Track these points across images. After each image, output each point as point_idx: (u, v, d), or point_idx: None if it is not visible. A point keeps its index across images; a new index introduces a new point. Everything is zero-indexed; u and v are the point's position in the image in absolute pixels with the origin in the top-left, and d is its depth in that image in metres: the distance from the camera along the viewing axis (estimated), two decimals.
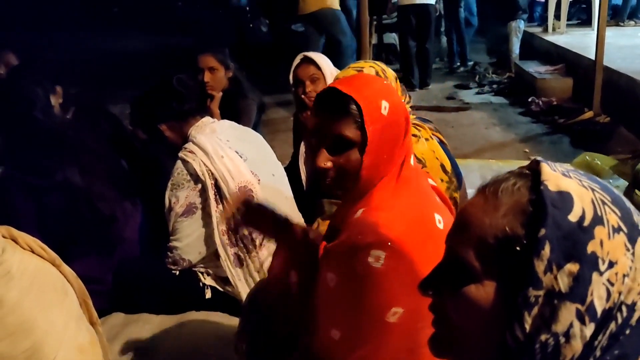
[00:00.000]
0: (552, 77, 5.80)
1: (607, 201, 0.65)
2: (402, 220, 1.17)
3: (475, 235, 0.67)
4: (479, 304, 0.66)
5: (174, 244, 1.99)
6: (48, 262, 1.15)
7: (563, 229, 0.62)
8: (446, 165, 2.08)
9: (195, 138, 1.99)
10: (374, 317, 1.16)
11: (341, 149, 1.21)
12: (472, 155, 4.13)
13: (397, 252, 1.13)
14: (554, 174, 0.66)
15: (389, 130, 1.21)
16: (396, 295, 1.15)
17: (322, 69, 2.55)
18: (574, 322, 0.61)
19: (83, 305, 1.21)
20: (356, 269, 1.16)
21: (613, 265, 0.62)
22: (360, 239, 1.16)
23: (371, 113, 1.19)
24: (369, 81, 1.28)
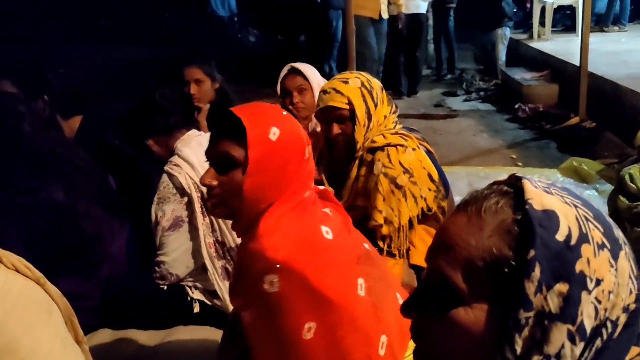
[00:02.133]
0: (538, 83, 5.86)
1: (590, 217, 0.65)
2: (286, 240, 1.19)
3: (461, 257, 0.66)
4: (468, 328, 0.65)
5: (161, 259, 1.98)
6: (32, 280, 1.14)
7: (551, 249, 0.62)
8: (433, 174, 2.09)
9: (181, 151, 1.99)
10: (292, 339, 1.17)
11: (227, 168, 1.24)
12: (460, 162, 4.16)
13: (288, 272, 1.15)
14: (537, 192, 0.65)
15: (276, 156, 1.22)
16: (303, 311, 1.17)
17: (309, 80, 2.56)
18: (565, 343, 0.61)
19: (69, 324, 1.20)
20: (258, 298, 1.18)
21: (600, 283, 0.62)
22: (252, 269, 1.18)
23: (256, 136, 1.21)
24: (265, 108, 1.31)
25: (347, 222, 1.36)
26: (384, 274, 1.34)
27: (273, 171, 1.23)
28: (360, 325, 1.20)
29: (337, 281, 1.20)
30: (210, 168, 1.27)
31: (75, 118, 2.67)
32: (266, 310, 1.18)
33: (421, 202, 2.04)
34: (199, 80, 2.96)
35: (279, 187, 1.24)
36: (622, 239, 0.66)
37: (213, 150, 1.27)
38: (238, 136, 1.22)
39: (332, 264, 1.21)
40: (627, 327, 0.64)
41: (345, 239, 1.29)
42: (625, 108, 4.40)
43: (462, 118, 5.66)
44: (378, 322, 1.24)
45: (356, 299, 1.21)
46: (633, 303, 0.65)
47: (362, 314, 1.21)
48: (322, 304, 1.16)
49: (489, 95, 6.49)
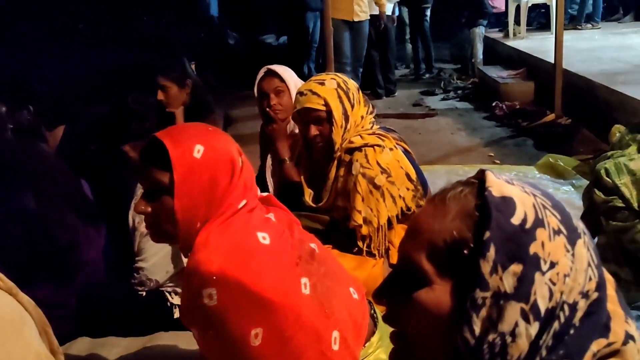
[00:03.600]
0: (515, 81, 5.92)
1: (547, 205, 0.68)
2: (218, 251, 1.19)
3: (425, 240, 0.69)
4: (430, 308, 0.67)
5: (140, 265, 1.96)
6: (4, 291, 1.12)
7: (506, 231, 0.64)
8: (411, 174, 2.10)
9: None
10: (241, 348, 1.18)
11: (156, 194, 1.24)
12: (439, 161, 4.19)
13: (225, 282, 1.16)
14: (498, 181, 0.69)
15: (203, 174, 1.21)
16: (246, 319, 1.17)
17: (286, 82, 2.55)
18: (519, 321, 0.63)
19: (43, 334, 1.18)
20: (200, 315, 1.18)
21: (554, 266, 0.64)
22: (190, 286, 1.19)
23: (179, 156, 1.20)
24: (188, 128, 1.32)
25: (293, 224, 1.36)
26: (332, 271, 1.34)
27: (202, 189, 1.22)
28: (308, 324, 1.21)
29: (278, 283, 1.20)
30: (139, 197, 1.28)
31: (59, 128, 2.64)
32: (210, 324, 1.18)
33: (400, 201, 2.05)
34: (165, 86, 2.99)
35: (211, 204, 1.23)
36: (582, 229, 0.69)
37: (142, 178, 1.28)
38: (163, 160, 1.21)
39: (270, 268, 1.21)
40: (590, 315, 0.66)
41: (284, 242, 1.28)
42: (600, 104, 4.47)
43: (440, 117, 5.70)
44: (327, 319, 1.24)
45: (300, 298, 1.21)
46: (594, 291, 0.66)
47: (309, 312, 1.21)
48: (264, 308, 1.17)
49: (467, 93, 6.55)
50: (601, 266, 0.69)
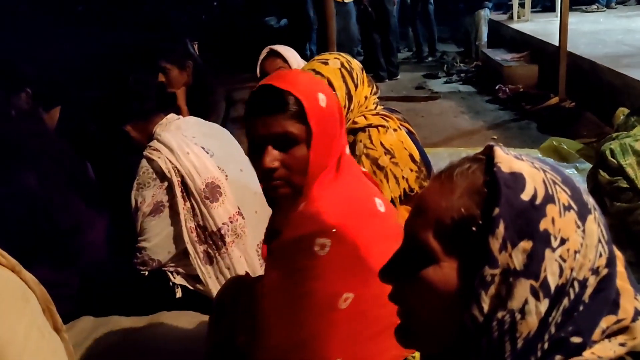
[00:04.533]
0: (518, 64, 5.87)
1: (557, 181, 0.66)
2: (343, 206, 1.18)
3: (432, 217, 0.68)
4: (437, 286, 0.66)
5: (142, 245, 1.95)
6: (7, 268, 1.11)
7: (516, 208, 0.63)
8: (415, 155, 2.08)
9: (160, 136, 1.96)
10: (326, 306, 1.16)
11: (286, 146, 1.20)
12: (441, 144, 4.17)
13: (341, 238, 1.14)
14: (507, 157, 0.67)
15: (328, 123, 1.21)
16: (345, 280, 1.16)
17: (288, 62, 2.54)
18: (529, 299, 0.62)
19: (46, 312, 1.18)
20: (303, 260, 1.16)
21: (565, 242, 0.63)
22: (303, 230, 1.16)
23: (312, 107, 1.18)
24: (300, 75, 1.28)
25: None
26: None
27: (328, 138, 1.21)
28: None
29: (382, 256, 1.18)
30: (268, 148, 1.20)
31: (56, 109, 2.63)
32: (308, 273, 1.15)
33: (403, 182, 2.04)
34: (166, 69, 2.97)
35: (330, 154, 1.22)
36: (592, 205, 0.67)
37: (268, 131, 1.19)
38: (291, 110, 1.18)
39: (381, 238, 1.18)
40: (599, 292, 0.65)
41: (393, 215, 1.28)
42: (604, 87, 4.44)
43: (443, 100, 5.66)
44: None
45: None
46: (604, 267, 0.66)
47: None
48: (364, 276, 1.15)
49: (470, 77, 6.51)
50: (611, 242, 0.68)
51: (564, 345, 0.64)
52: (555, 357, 0.64)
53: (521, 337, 0.63)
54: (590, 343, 0.65)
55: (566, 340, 0.64)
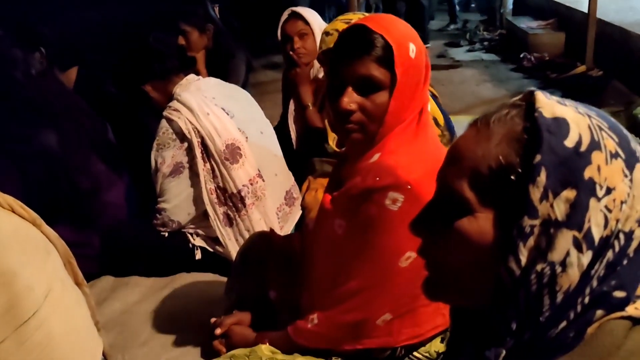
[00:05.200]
0: (544, 32, 5.72)
1: (604, 127, 0.62)
2: (420, 164, 1.15)
3: (467, 166, 0.64)
4: (472, 238, 0.63)
5: (162, 206, 1.95)
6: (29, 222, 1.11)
7: (559, 155, 0.59)
8: (439, 118, 2.04)
9: (180, 96, 1.93)
10: (388, 260, 1.16)
11: (367, 90, 1.17)
12: (463, 112, 4.09)
13: (415, 196, 1.11)
14: (549, 102, 0.63)
15: (414, 75, 1.17)
16: (411, 239, 1.12)
17: (310, 24, 2.48)
18: (571, 250, 0.59)
19: (67, 266, 1.18)
20: (371, 211, 1.14)
21: (611, 192, 0.59)
22: (378, 182, 1.14)
23: (401, 55, 1.14)
24: (397, 22, 1.23)
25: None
26: None
27: (411, 91, 1.17)
28: None
29: None
30: (348, 89, 1.17)
31: (72, 70, 2.61)
32: (375, 225, 1.14)
33: None
34: (186, 32, 2.92)
35: (410, 107, 1.19)
36: None
37: (351, 72, 1.16)
38: (379, 55, 1.14)
39: None
40: None
41: None
42: (634, 55, 4.30)
43: (465, 68, 5.55)
44: None
45: None
46: None
47: None
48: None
49: (493, 45, 6.36)
50: None
51: (606, 299, 0.60)
52: (597, 312, 0.60)
53: (561, 291, 0.60)
54: (634, 298, 0.61)
55: (609, 295, 0.60)
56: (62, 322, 0.99)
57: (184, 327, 1.71)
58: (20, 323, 0.88)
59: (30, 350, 0.88)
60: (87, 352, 1.06)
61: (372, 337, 1.20)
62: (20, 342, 0.87)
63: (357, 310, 1.19)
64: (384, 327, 1.19)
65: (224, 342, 1.38)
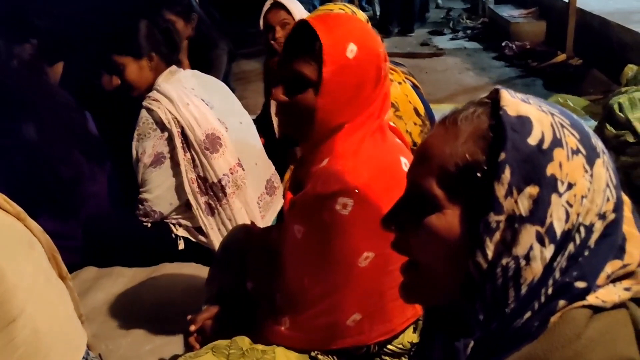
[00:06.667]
0: (526, 20, 5.76)
1: (566, 125, 0.64)
2: (367, 166, 1.16)
3: (436, 164, 0.66)
4: (441, 233, 0.65)
5: (144, 196, 1.95)
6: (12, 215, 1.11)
7: (523, 152, 0.61)
8: (419, 108, 2.06)
9: (160, 86, 1.93)
10: (346, 262, 1.17)
11: (299, 87, 1.17)
12: (445, 100, 4.12)
13: (363, 198, 1.13)
14: (513, 100, 0.65)
15: (352, 75, 1.16)
16: (366, 240, 1.16)
17: (292, 14, 2.48)
18: (534, 245, 0.61)
19: (52, 260, 1.18)
20: (324, 217, 1.15)
21: (572, 187, 0.62)
22: (326, 188, 1.15)
23: (332, 53, 1.14)
24: (344, 21, 1.22)
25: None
26: None
27: (347, 91, 1.16)
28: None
29: None
30: (279, 85, 1.19)
31: (59, 64, 2.60)
32: (329, 230, 1.16)
33: (407, 136, 2.01)
34: (171, 21, 2.90)
35: (352, 107, 1.18)
36: (601, 148, 0.66)
37: (286, 67, 1.19)
38: (313, 53, 1.14)
39: None
40: (605, 237, 0.64)
41: None
42: (613, 44, 4.35)
43: (448, 57, 5.58)
44: None
45: None
46: (612, 212, 0.64)
47: None
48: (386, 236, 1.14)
49: (476, 33, 6.39)
50: (620, 187, 0.66)
51: (568, 290, 0.63)
52: (559, 302, 0.63)
53: (525, 283, 0.62)
54: (595, 287, 0.64)
55: (570, 285, 0.63)
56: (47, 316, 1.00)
57: (168, 316, 1.72)
58: (9, 321, 0.88)
59: (17, 347, 0.89)
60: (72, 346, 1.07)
61: (344, 337, 1.22)
62: (9, 340, 0.87)
63: (325, 314, 1.21)
64: (354, 327, 1.20)
65: (200, 338, 1.40)
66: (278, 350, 1.24)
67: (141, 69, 1.98)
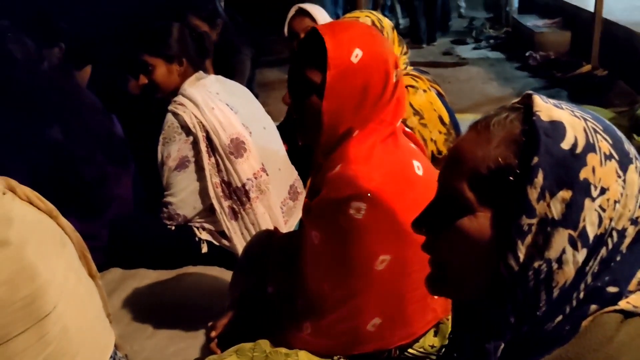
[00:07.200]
0: (550, 30, 5.72)
1: (599, 129, 0.65)
2: (380, 170, 1.17)
3: (468, 167, 0.67)
4: (472, 236, 0.66)
5: (168, 199, 1.98)
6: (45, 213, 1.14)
7: (556, 157, 0.62)
8: (444, 117, 2.06)
9: (185, 91, 1.96)
10: (363, 267, 1.18)
11: (305, 92, 1.20)
12: (469, 110, 4.10)
13: (377, 202, 1.14)
14: (546, 105, 0.66)
15: (357, 79, 1.17)
16: (381, 243, 1.17)
17: (317, 21, 2.50)
18: (567, 248, 0.62)
19: (82, 258, 1.20)
20: (339, 222, 1.17)
21: (605, 192, 0.62)
22: (339, 193, 1.16)
23: (336, 57, 1.15)
24: (351, 27, 1.24)
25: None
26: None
27: (353, 95, 1.17)
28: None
29: None
30: (289, 89, 1.24)
31: (87, 68, 2.65)
32: (345, 234, 1.17)
33: (431, 145, 2.02)
34: (197, 26, 2.94)
35: (361, 112, 1.19)
36: (634, 154, 0.66)
37: (293, 72, 1.23)
38: (318, 57, 1.16)
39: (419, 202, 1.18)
40: (637, 243, 0.64)
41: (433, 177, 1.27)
42: (639, 55, 4.31)
43: (471, 66, 5.56)
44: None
45: None
46: None
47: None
48: (401, 239, 1.15)
49: (499, 43, 6.37)
50: None
51: (600, 294, 0.63)
52: (591, 307, 0.63)
53: (557, 287, 0.62)
54: (627, 293, 0.64)
55: (602, 290, 0.63)
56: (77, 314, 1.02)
57: (191, 319, 1.74)
58: (41, 317, 0.90)
59: (48, 343, 0.90)
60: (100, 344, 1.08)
61: (365, 342, 1.22)
62: (40, 336, 0.89)
63: (346, 319, 1.22)
64: (375, 332, 1.21)
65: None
66: (301, 353, 1.25)
67: (170, 72, 2.01)
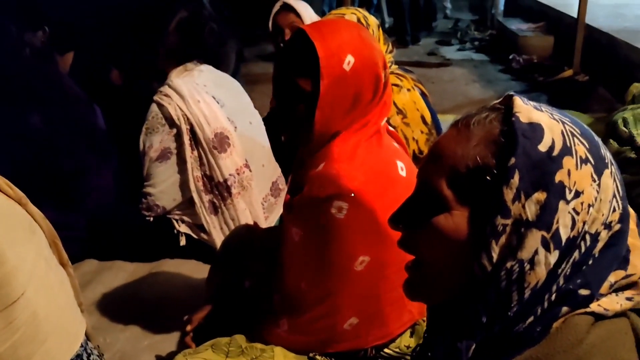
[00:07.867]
0: (534, 34, 5.77)
1: (576, 133, 0.65)
2: (362, 170, 1.17)
3: (447, 165, 0.67)
4: (448, 234, 0.66)
5: (148, 190, 1.96)
6: (14, 200, 1.11)
7: (532, 159, 0.62)
8: (426, 116, 2.07)
9: (172, 82, 1.94)
10: (342, 266, 1.18)
11: (294, 98, 1.17)
12: (451, 111, 4.12)
13: (359, 203, 1.14)
14: (526, 107, 0.66)
15: (349, 86, 1.15)
16: (361, 244, 1.17)
17: (301, 17, 2.49)
18: (539, 249, 0.62)
19: (53, 246, 1.18)
20: (320, 220, 1.16)
21: (579, 195, 0.63)
22: (322, 192, 1.16)
23: (329, 66, 1.12)
24: (341, 31, 1.19)
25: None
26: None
27: (344, 102, 1.16)
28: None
29: None
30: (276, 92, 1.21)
31: (69, 54, 2.60)
32: (325, 234, 1.16)
33: (413, 144, 2.03)
34: None
35: (351, 117, 1.18)
36: (610, 159, 0.66)
37: (282, 77, 1.19)
38: (309, 65, 1.13)
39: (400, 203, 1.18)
40: (610, 247, 0.65)
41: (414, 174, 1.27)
42: (620, 62, 4.36)
43: (455, 67, 5.59)
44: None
45: None
46: (617, 223, 0.65)
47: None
48: (381, 240, 1.15)
49: (484, 45, 6.41)
50: (626, 198, 0.67)
51: (572, 297, 0.64)
52: (562, 308, 0.64)
53: (529, 287, 0.63)
54: (598, 296, 0.65)
55: (574, 292, 0.64)
56: (46, 301, 1.00)
57: (166, 313, 1.73)
58: (9, 303, 0.88)
59: (16, 329, 0.89)
60: (70, 333, 1.07)
61: (341, 341, 1.23)
62: (8, 322, 0.88)
63: (323, 317, 1.22)
64: (351, 331, 1.21)
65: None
66: (277, 349, 1.25)
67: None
